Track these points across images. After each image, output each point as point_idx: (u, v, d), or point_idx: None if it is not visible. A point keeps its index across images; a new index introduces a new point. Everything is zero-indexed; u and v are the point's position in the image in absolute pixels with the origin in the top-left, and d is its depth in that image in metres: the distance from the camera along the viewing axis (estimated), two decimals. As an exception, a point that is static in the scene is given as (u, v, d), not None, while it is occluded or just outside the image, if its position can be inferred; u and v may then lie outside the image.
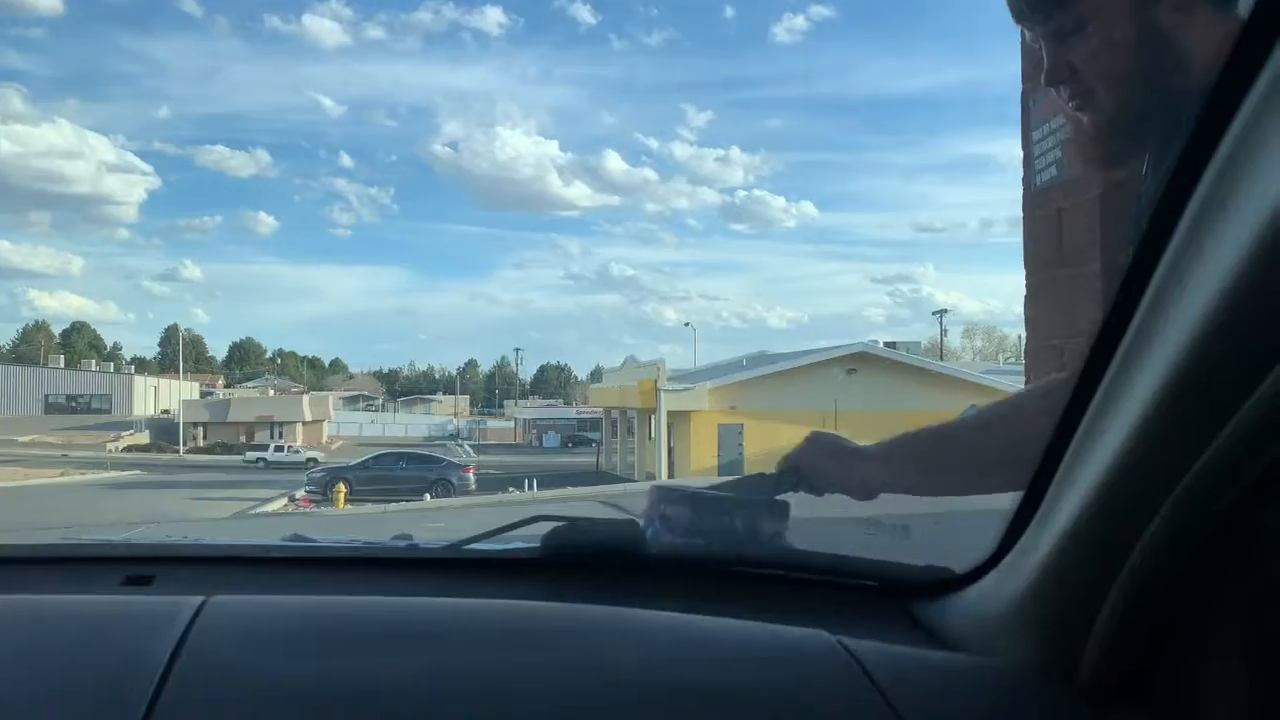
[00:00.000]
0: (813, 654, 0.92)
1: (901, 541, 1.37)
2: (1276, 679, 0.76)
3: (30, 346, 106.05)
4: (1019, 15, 1.27)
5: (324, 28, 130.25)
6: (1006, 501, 0.96)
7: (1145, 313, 0.68)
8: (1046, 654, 0.88)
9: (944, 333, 67.72)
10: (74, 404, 67.27)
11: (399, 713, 0.80)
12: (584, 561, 1.15)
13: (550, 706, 0.82)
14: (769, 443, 23.65)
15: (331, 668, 0.85)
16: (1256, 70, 0.55)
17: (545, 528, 1.17)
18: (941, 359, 49.72)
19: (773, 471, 1.48)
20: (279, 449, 47.63)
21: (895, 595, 1.12)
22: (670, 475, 25.86)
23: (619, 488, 22.42)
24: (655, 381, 30.23)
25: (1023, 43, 3.90)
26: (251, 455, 46.93)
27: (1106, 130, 1.23)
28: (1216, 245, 0.60)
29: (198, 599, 0.93)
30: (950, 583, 1.04)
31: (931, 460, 1.41)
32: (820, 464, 1.44)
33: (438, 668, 0.86)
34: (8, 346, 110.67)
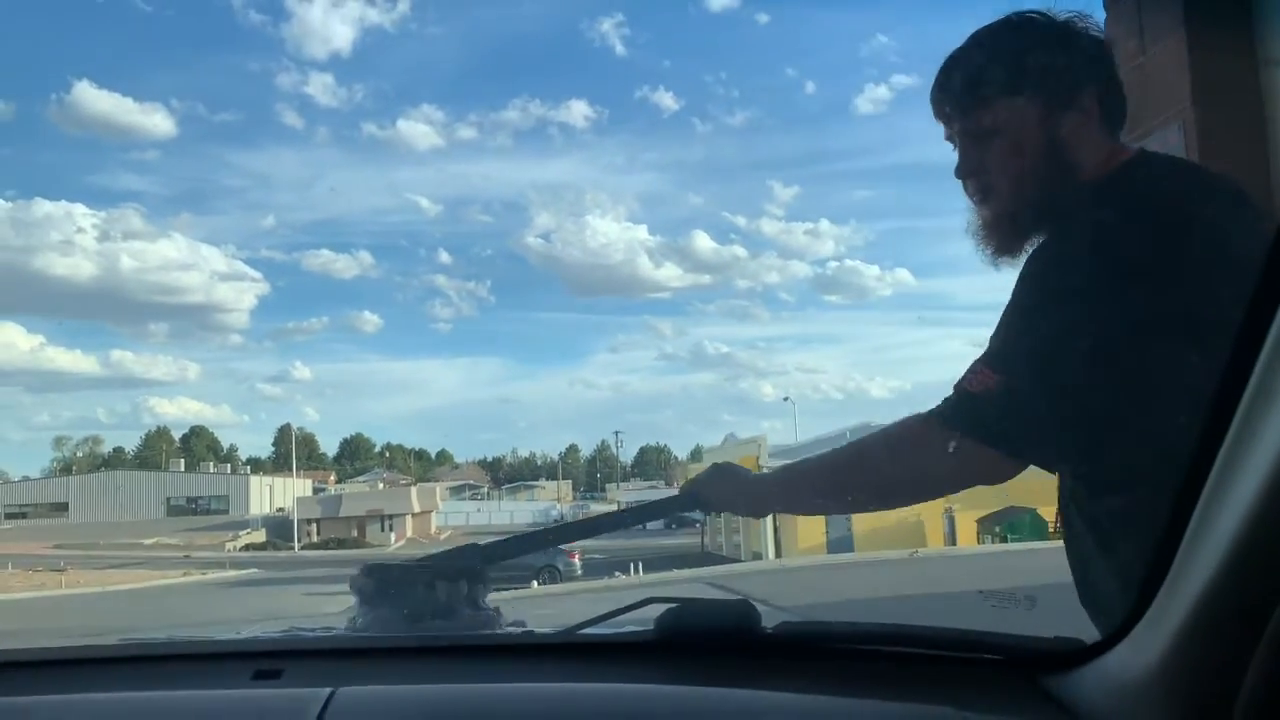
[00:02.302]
0: None
1: (1028, 613, 1.32)
2: None
3: (152, 452, 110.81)
4: (939, 113, 1.45)
5: (417, 131, 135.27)
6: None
7: (1265, 365, 0.66)
8: None
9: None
10: (194, 505, 69.79)
11: None
12: (698, 643, 1.14)
13: None
14: (878, 519, 23.05)
15: None
16: None
17: (658, 609, 1.16)
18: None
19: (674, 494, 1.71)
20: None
21: (1024, 668, 1.08)
22: (777, 555, 25.39)
23: (726, 569, 22.08)
24: (757, 458, 29.87)
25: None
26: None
27: (1001, 220, 1.39)
28: None
29: (326, 691, 0.95)
30: (1080, 654, 1.00)
31: (823, 485, 1.55)
32: (715, 487, 1.61)
33: None
34: (132, 453, 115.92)
